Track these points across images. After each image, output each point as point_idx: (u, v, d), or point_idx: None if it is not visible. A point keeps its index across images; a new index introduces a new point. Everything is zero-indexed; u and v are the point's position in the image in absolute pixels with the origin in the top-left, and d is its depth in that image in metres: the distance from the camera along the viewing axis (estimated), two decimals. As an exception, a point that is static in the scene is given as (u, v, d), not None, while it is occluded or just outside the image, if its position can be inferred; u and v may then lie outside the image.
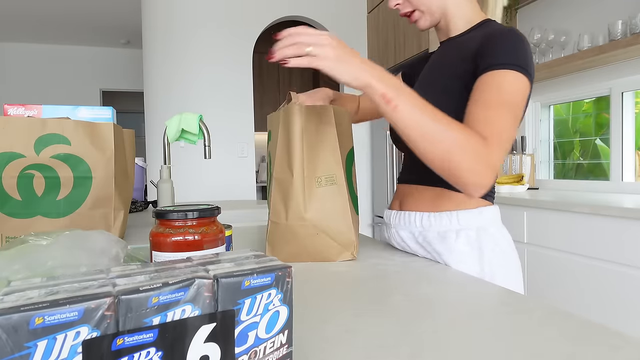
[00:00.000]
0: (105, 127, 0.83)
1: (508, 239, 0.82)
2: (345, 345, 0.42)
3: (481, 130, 0.66)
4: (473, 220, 0.80)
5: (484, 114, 0.67)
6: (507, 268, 0.79)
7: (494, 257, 0.78)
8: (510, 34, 0.73)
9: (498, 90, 0.68)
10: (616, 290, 1.58)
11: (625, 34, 1.89)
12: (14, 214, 0.78)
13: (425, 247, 0.82)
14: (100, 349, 0.24)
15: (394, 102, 0.61)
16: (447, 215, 0.80)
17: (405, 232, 0.86)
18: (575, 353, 0.40)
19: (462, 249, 0.78)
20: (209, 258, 0.34)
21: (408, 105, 0.61)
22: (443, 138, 0.62)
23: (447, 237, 0.80)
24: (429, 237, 0.82)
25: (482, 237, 0.79)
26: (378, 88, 0.60)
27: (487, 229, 0.80)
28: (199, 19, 3.18)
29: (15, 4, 4.46)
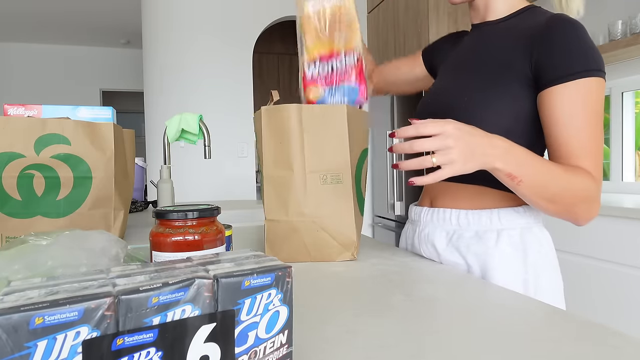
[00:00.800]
0: (105, 127, 0.83)
1: (550, 240, 0.77)
2: (345, 346, 0.42)
3: (586, 166, 0.65)
4: (516, 220, 0.74)
5: (580, 144, 0.65)
6: (551, 272, 0.74)
7: (539, 259, 0.73)
8: (572, 27, 0.67)
9: (584, 107, 0.65)
10: (616, 290, 1.58)
11: (625, 34, 1.89)
12: (14, 214, 0.78)
13: (459, 247, 0.77)
14: (100, 349, 0.24)
15: (519, 178, 0.62)
16: (487, 214, 0.75)
17: (438, 230, 0.80)
18: (575, 353, 0.40)
19: (504, 251, 0.72)
20: (209, 258, 0.34)
21: (531, 177, 0.63)
22: (564, 195, 0.64)
23: (486, 238, 0.74)
24: (465, 237, 0.76)
25: (527, 238, 0.73)
26: (503, 170, 0.62)
27: (531, 228, 0.75)
28: (199, 19, 3.18)
29: (15, 4, 4.46)
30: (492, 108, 0.72)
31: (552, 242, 0.77)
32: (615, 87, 2.14)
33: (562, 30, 0.67)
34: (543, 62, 0.68)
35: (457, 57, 0.86)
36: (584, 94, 0.65)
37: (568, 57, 0.66)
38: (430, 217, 0.82)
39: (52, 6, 4.55)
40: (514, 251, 0.73)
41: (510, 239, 0.73)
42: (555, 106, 0.66)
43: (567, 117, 0.65)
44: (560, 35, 0.67)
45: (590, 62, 0.65)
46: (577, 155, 0.65)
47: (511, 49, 0.73)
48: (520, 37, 0.72)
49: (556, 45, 0.67)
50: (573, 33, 0.66)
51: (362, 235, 1.05)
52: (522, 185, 0.63)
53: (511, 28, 0.76)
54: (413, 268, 0.73)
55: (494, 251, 0.73)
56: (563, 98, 0.66)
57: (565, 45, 0.66)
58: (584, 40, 0.66)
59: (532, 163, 0.63)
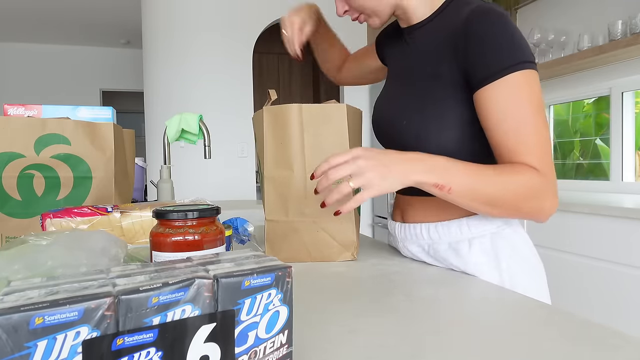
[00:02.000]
0: (105, 127, 0.83)
1: (526, 240, 0.75)
2: (345, 345, 0.42)
3: (528, 161, 0.62)
4: (485, 226, 0.72)
5: (519, 141, 0.62)
6: (529, 274, 0.72)
7: (513, 263, 0.71)
8: (491, 21, 0.64)
9: (518, 103, 0.62)
10: (616, 290, 1.58)
11: (625, 34, 1.89)
12: (14, 214, 0.78)
13: (440, 260, 0.76)
14: (100, 349, 0.24)
15: (447, 186, 0.60)
16: (456, 224, 0.73)
17: (414, 246, 0.79)
18: (575, 353, 0.40)
19: (477, 260, 0.71)
20: (209, 258, 0.34)
21: (460, 184, 0.61)
22: (504, 197, 0.61)
23: (459, 249, 0.73)
24: (440, 250, 0.75)
25: (498, 243, 0.72)
26: (428, 181, 0.60)
27: (502, 232, 0.73)
28: (199, 19, 3.18)
29: (15, 4, 4.45)
30: (434, 128, 0.70)
31: (529, 241, 0.75)
32: (615, 87, 2.14)
33: (480, 27, 0.64)
34: (468, 63, 0.65)
35: (396, 65, 0.84)
36: (516, 89, 0.62)
37: (491, 55, 0.63)
38: (404, 232, 0.81)
39: (52, 6, 4.55)
40: (486, 258, 0.71)
41: (481, 246, 0.72)
42: (489, 107, 0.64)
43: (501, 115, 0.63)
44: (480, 33, 0.63)
45: (516, 55, 0.62)
46: (518, 153, 0.63)
47: (437, 56, 0.70)
48: (444, 40, 0.69)
49: (477, 44, 0.63)
50: (492, 27, 0.63)
51: (362, 235, 1.05)
52: (453, 193, 0.61)
53: (437, 29, 0.73)
54: (413, 268, 0.73)
55: (468, 261, 0.72)
56: (494, 97, 0.63)
57: (487, 42, 0.63)
58: (505, 33, 0.63)
59: (458, 169, 0.61)
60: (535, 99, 0.63)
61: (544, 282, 0.74)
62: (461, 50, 0.66)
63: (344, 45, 1.12)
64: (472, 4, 0.68)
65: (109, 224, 0.65)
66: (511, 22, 0.64)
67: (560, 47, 2.28)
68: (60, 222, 0.63)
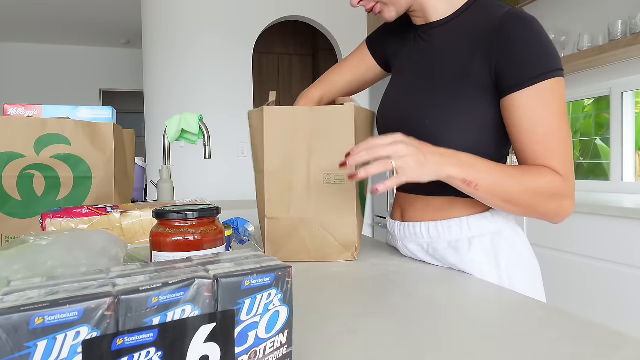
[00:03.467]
0: (105, 127, 0.83)
1: (524, 240, 0.76)
2: (345, 345, 0.42)
3: (551, 165, 0.64)
4: (486, 225, 0.73)
5: (546, 148, 0.64)
6: (526, 273, 0.73)
7: (512, 262, 0.72)
8: (530, 27, 0.64)
9: (547, 110, 0.64)
10: (616, 290, 1.58)
11: (625, 34, 1.89)
12: (14, 214, 0.78)
13: (438, 259, 0.76)
14: (100, 349, 0.24)
15: (474, 182, 0.62)
16: (456, 223, 0.74)
17: (413, 244, 0.79)
18: (575, 353, 0.40)
19: (476, 259, 0.72)
20: (209, 258, 0.34)
21: (487, 181, 0.63)
22: (525, 196, 0.63)
23: (459, 248, 0.73)
24: (439, 249, 0.75)
25: (497, 242, 0.73)
26: (457, 176, 0.62)
27: (502, 232, 0.73)
28: (199, 18, 3.18)
29: (16, 4, 4.45)
30: (454, 126, 0.70)
31: (527, 242, 0.77)
32: (615, 87, 2.14)
33: (516, 31, 0.64)
34: (503, 67, 0.65)
35: (411, 61, 0.81)
36: (546, 97, 0.64)
37: (527, 61, 0.64)
38: (403, 231, 0.81)
39: (52, 6, 4.55)
40: (486, 258, 0.72)
41: (481, 245, 0.72)
42: (519, 114, 0.65)
43: (530, 123, 0.65)
44: (515, 37, 0.64)
45: (549, 63, 0.63)
46: (543, 157, 0.65)
47: (467, 54, 0.70)
48: (475, 39, 0.69)
49: (514, 49, 0.64)
50: (531, 33, 0.64)
51: (362, 235, 1.05)
52: (479, 189, 0.63)
53: (461, 28, 0.72)
54: (413, 268, 0.73)
55: (467, 260, 0.72)
56: (525, 105, 0.64)
57: (522, 47, 0.64)
58: (541, 39, 0.64)
59: (484, 167, 0.63)
60: (563, 108, 0.65)
61: (540, 282, 0.75)
62: (495, 50, 0.66)
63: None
64: (503, 7, 0.69)
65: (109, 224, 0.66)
66: (543, 29, 0.65)
67: (560, 47, 2.28)
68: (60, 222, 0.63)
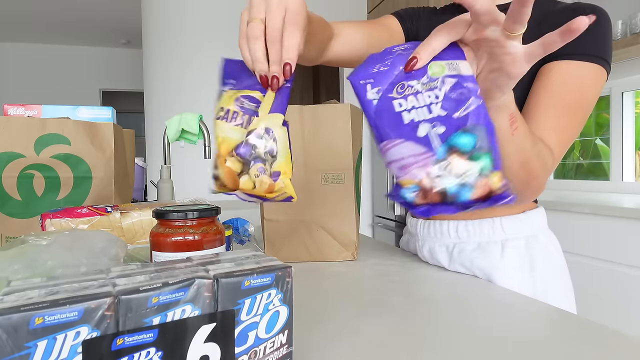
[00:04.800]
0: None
1: (557, 246, 0.71)
2: (345, 345, 0.42)
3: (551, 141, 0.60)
4: (521, 228, 0.68)
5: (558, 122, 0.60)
6: (560, 280, 0.69)
7: (547, 270, 0.68)
8: (601, 14, 0.62)
9: (578, 91, 0.61)
10: (616, 290, 1.58)
11: (625, 34, 1.89)
12: (14, 214, 0.78)
13: (464, 262, 0.70)
14: (100, 349, 0.24)
15: (516, 123, 0.51)
16: (488, 223, 0.68)
17: (438, 245, 0.73)
18: (575, 353, 0.40)
19: (510, 264, 0.67)
20: (209, 258, 0.34)
21: (522, 126, 0.52)
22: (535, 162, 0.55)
23: (490, 250, 0.68)
24: (466, 250, 0.70)
25: (533, 247, 0.68)
26: (512, 106, 0.48)
27: (537, 236, 0.69)
28: (199, 18, 3.18)
29: (16, 4, 4.45)
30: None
31: (559, 246, 0.72)
32: (615, 87, 2.14)
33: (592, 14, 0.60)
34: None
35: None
36: (584, 79, 0.61)
37: (587, 39, 0.59)
38: (427, 230, 0.75)
39: (52, 6, 4.55)
40: (520, 264, 0.67)
41: (516, 250, 0.67)
42: (554, 77, 0.61)
43: (558, 93, 0.60)
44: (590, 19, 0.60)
45: (606, 51, 0.61)
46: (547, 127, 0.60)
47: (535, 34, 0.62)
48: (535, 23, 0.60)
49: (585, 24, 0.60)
50: (603, 21, 0.61)
51: (362, 235, 1.05)
52: (515, 135, 0.51)
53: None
54: (413, 268, 0.73)
55: (499, 264, 0.67)
56: (562, 74, 0.61)
57: (592, 28, 0.59)
58: (609, 32, 0.62)
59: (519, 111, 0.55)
60: (591, 102, 0.62)
61: (571, 287, 0.71)
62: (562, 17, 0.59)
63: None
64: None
65: (109, 224, 0.66)
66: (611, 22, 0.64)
67: (560, 47, 2.28)
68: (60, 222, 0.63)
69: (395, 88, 0.36)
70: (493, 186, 0.35)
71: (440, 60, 0.37)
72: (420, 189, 0.35)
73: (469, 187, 0.34)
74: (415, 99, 0.36)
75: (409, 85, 0.36)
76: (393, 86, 0.36)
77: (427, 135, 0.36)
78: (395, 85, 0.36)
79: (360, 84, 0.37)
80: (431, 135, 0.36)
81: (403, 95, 0.36)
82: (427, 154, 0.35)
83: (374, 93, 0.36)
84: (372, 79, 0.37)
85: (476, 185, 0.34)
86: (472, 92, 0.36)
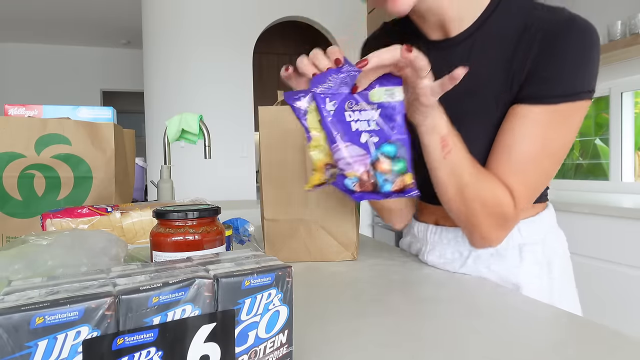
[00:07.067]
0: (105, 127, 0.83)
1: (565, 245, 0.70)
2: (345, 345, 0.42)
3: (511, 187, 0.57)
4: (537, 230, 0.67)
5: (519, 168, 0.57)
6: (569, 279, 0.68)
7: (562, 271, 0.66)
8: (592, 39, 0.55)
9: (547, 135, 0.56)
10: (616, 290, 1.58)
11: (625, 34, 1.89)
12: (15, 214, 0.78)
13: (479, 270, 0.67)
14: (101, 348, 0.24)
15: (449, 146, 0.53)
16: None
17: (450, 252, 0.70)
18: (575, 353, 0.40)
19: (529, 270, 0.65)
20: (209, 258, 0.34)
21: (458, 154, 0.54)
22: (476, 197, 0.56)
23: (507, 257, 0.66)
24: (483, 257, 0.67)
25: (548, 251, 0.67)
26: (443, 129, 0.52)
27: (550, 237, 0.68)
28: (199, 18, 3.18)
29: (16, 5, 4.45)
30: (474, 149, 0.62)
31: (566, 244, 0.71)
32: (615, 87, 2.14)
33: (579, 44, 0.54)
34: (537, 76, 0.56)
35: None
36: (561, 119, 0.56)
37: (562, 77, 0.55)
38: (439, 236, 0.71)
39: (52, 7, 4.55)
40: (539, 269, 0.65)
41: (534, 255, 0.66)
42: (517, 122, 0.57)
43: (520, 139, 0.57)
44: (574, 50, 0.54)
45: (583, 84, 0.55)
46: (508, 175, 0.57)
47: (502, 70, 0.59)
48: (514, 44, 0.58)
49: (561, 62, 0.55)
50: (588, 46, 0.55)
51: (362, 235, 1.05)
52: (447, 159, 0.53)
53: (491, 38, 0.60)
54: (413, 268, 0.73)
55: (518, 271, 0.65)
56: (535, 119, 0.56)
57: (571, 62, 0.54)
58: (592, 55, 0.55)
59: (460, 140, 0.55)
60: (571, 133, 0.57)
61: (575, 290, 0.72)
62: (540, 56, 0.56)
63: None
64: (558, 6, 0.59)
65: (109, 224, 0.66)
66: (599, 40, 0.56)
67: (560, 47, 2.28)
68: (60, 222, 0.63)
69: (346, 103, 0.48)
70: (406, 182, 0.48)
71: (381, 87, 0.49)
72: (359, 180, 0.48)
73: (390, 182, 0.48)
74: (360, 114, 0.48)
75: (356, 103, 0.48)
76: (344, 102, 0.48)
77: (366, 141, 0.48)
78: (347, 101, 0.48)
79: (321, 97, 0.48)
80: (369, 142, 0.48)
81: (352, 109, 0.48)
82: (365, 156, 0.48)
83: (331, 105, 0.48)
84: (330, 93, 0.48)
85: (395, 181, 0.48)
86: (398, 114, 0.48)
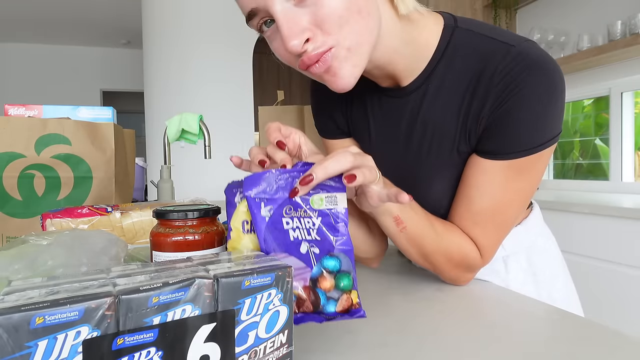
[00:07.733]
0: (105, 127, 0.83)
1: (555, 245, 0.71)
2: (345, 345, 0.42)
3: (476, 239, 0.58)
4: (520, 240, 0.68)
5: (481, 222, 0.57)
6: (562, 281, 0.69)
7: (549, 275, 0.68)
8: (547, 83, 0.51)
9: (520, 182, 0.55)
10: (616, 290, 1.58)
11: (625, 34, 1.89)
12: (15, 214, 0.78)
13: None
14: (101, 348, 0.24)
15: (404, 223, 0.55)
16: None
17: None
18: (575, 353, 0.40)
19: (515, 278, 0.67)
20: (209, 258, 0.34)
21: (415, 227, 0.55)
22: (439, 257, 0.58)
23: (495, 270, 0.67)
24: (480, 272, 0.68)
25: (534, 259, 0.68)
26: (395, 211, 0.53)
27: (536, 244, 0.69)
28: (199, 19, 3.18)
29: (16, 5, 4.45)
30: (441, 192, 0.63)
31: (557, 246, 0.72)
32: (615, 87, 2.14)
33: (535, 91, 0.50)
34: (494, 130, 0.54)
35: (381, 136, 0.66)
36: (522, 170, 0.54)
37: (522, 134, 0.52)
38: None
39: (52, 7, 4.55)
40: (524, 277, 0.67)
41: (518, 265, 0.67)
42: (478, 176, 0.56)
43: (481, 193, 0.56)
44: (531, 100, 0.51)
45: (546, 134, 0.53)
46: (472, 227, 0.58)
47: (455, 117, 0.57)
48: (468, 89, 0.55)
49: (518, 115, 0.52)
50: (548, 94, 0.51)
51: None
52: (404, 232, 0.55)
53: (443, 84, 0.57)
54: (413, 268, 0.73)
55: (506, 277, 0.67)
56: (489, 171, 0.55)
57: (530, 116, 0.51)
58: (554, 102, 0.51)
59: (418, 211, 0.56)
60: (536, 178, 0.56)
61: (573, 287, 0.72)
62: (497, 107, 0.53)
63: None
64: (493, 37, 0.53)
65: (109, 224, 0.66)
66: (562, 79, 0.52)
67: (559, 47, 2.28)
68: (60, 222, 0.63)
69: (284, 209, 0.41)
70: (353, 301, 0.40)
71: (321, 193, 0.42)
72: (296, 299, 0.39)
73: (333, 301, 0.40)
74: (299, 221, 0.42)
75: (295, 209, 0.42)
76: (282, 207, 0.41)
77: (307, 252, 0.41)
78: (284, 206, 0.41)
79: (255, 201, 0.41)
80: (310, 253, 0.41)
81: (290, 216, 0.41)
82: (306, 269, 0.40)
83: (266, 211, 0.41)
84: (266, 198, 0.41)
85: (340, 300, 0.40)
86: (341, 224, 0.42)
